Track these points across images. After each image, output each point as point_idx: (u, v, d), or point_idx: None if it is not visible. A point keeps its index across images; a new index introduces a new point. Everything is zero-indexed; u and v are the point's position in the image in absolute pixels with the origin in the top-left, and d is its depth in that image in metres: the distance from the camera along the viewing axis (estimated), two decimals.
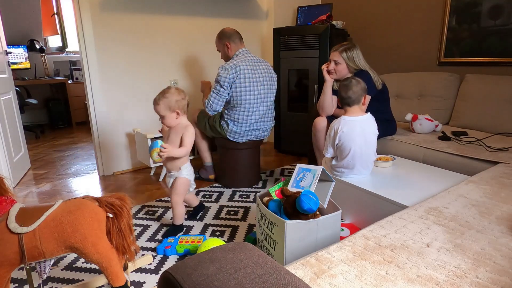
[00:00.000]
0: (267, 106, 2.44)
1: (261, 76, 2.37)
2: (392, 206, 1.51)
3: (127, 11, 2.81)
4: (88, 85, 2.75)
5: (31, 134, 4.52)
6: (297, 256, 1.28)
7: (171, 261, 1.66)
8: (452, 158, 1.92)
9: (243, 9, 3.49)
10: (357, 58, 2.17)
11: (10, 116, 2.82)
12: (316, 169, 1.45)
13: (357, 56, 2.17)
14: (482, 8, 2.51)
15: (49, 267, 1.20)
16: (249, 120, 2.37)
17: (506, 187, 1.41)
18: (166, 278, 0.66)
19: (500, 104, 2.29)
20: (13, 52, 4.63)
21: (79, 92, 5.11)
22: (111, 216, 1.24)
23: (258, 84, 2.34)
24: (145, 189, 2.61)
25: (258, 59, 2.44)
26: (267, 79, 2.41)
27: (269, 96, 2.44)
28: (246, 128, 2.39)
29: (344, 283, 0.81)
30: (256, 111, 2.38)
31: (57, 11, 5.18)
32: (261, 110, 2.40)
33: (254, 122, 2.40)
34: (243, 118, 2.35)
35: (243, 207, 2.24)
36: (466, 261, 0.90)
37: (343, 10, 3.53)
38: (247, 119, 2.36)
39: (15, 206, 1.18)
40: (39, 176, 2.98)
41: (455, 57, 2.73)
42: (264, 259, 0.68)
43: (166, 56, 3.09)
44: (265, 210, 1.38)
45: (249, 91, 2.31)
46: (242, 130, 2.39)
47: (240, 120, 2.36)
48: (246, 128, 2.39)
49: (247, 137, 2.43)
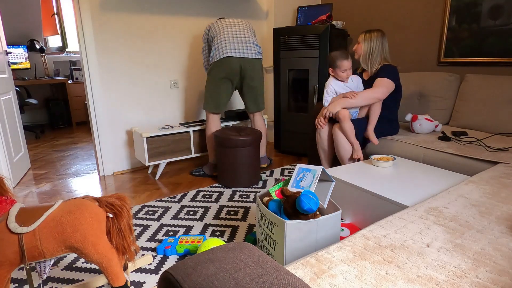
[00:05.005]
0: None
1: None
2: (392, 206, 1.51)
3: (127, 11, 2.81)
4: (88, 85, 2.75)
5: (31, 134, 4.52)
6: (297, 256, 1.28)
7: (171, 261, 1.66)
8: (452, 158, 1.92)
9: (243, 9, 3.49)
10: (375, 44, 2.27)
11: (10, 116, 2.82)
12: (316, 169, 1.45)
13: (376, 43, 2.27)
14: (482, 8, 2.51)
15: (49, 267, 1.20)
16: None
17: (506, 187, 1.41)
18: (166, 278, 0.66)
19: (500, 104, 2.29)
20: (13, 52, 4.63)
21: (79, 92, 5.11)
22: (111, 216, 1.24)
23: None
24: (145, 189, 2.61)
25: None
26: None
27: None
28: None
29: (344, 283, 0.81)
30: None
31: (57, 11, 5.19)
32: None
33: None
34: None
35: (243, 207, 2.24)
36: (466, 261, 0.90)
37: (343, 10, 3.53)
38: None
39: (15, 206, 1.18)
40: (39, 176, 2.98)
41: (455, 57, 2.73)
42: (264, 259, 0.68)
43: (166, 56, 3.09)
44: (265, 210, 1.38)
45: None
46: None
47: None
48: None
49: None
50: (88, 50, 2.68)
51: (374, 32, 2.29)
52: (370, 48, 2.28)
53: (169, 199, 2.37)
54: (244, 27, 2.70)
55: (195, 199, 2.38)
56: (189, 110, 3.35)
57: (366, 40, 2.30)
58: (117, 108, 2.91)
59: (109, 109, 2.87)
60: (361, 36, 2.34)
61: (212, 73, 2.66)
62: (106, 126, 2.89)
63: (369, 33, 2.30)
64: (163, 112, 3.18)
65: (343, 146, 2.22)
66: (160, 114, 3.17)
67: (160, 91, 3.13)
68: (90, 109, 2.81)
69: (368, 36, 2.30)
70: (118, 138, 2.98)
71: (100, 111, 2.82)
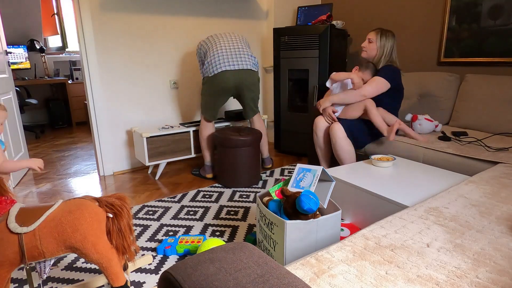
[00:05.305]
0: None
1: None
2: (392, 206, 1.51)
3: (127, 11, 2.81)
4: (88, 85, 2.75)
5: (31, 134, 4.52)
6: (297, 256, 1.28)
7: (171, 261, 1.66)
8: (452, 158, 1.92)
9: (243, 9, 3.49)
10: (388, 46, 2.27)
11: (10, 116, 2.82)
12: (316, 169, 1.45)
13: (388, 44, 2.27)
14: (482, 8, 2.51)
15: (49, 267, 1.20)
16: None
17: (506, 187, 1.41)
18: (166, 278, 0.66)
19: (500, 104, 2.29)
20: (13, 52, 4.63)
21: (79, 92, 5.11)
22: (111, 216, 1.24)
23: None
24: (145, 189, 2.61)
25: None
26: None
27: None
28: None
29: (344, 283, 0.81)
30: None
31: (57, 11, 5.19)
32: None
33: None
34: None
35: (243, 207, 2.24)
36: (466, 261, 0.90)
37: (343, 10, 3.53)
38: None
39: (15, 206, 1.18)
40: (39, 176, 2.98)
41: (455, 57, 2.72)
42: (264, 259, 0.68)
43: (166, 56, 3.09)
44: (265, 210, 1.38)
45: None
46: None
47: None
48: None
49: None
50: (88, 50, 2.68)
51: (389, 32, 2.27)
52: (384, 49, 2.27)
53: (169, 199, 2.37)
54: (237, 39, 2.61)
55: (195, 199, 2.38)
56: (189, 110, 3.35)
57: (382, 39, 2.26)
58: (117, 108, 2.91)
59: (109, 109, 2.87)
60: (374, 34, 2.29)
61: (205, 86, 2.59)
62: (106, 126, 2.89)
63: (384, 32, 2.27)
64: (163, 112, 3.18)
65: (341, 147, 2.20)
66: (160, 114, 3.17)
67: (160, 91, 3.13)
68: (90, 109, 2.81)
69: (383, 35, 2.26)
70: (118, 138, 2.98)
71: (100, 111, 2.82)
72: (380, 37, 2.27)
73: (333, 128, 2.22)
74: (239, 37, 2.66)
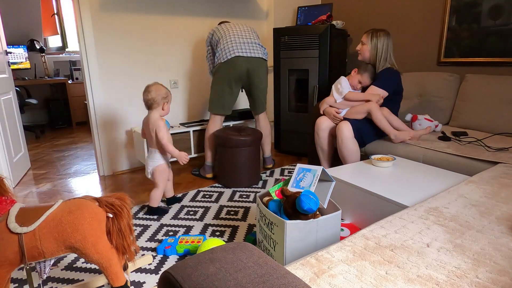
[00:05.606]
0: None
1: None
2: (392, 206, 1.51)
3: (127, 11, 2.81)
4: (88, 85, 2.75)
5: (31, 134, 4.52)
6: (297, 256, 1.28)
7: (171, 261, 1.66)
8: (452, 158, 1.92)
9: (243, 9, 3.49)
10: (380, 45, 2.22)
11: (10, 116, 2.82)
12: (316, 169, 1.45)
13: (380, 43, 2.21)
14: (482, 8, 2.51)
15: (49, 267, 1.20)
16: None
17: (506, 187, 1.41)
18: (166, 278, 0.66)
19: (500, 104, 2.29)
20: (13, 52, 4.63)
21: (79, 92, 5.11)
22: (111, 216, 1.24)
23: None
24: (145, 189, 2.61)
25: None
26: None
27: None
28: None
29: (344, 283, 0.81)
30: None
31: (57, 11, 5.19)
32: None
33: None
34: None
35: (243, 207, 2.24)
36: (466, 261, 0.90)
37: (343, 10, 3.53)
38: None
39: (15, 206, 1.18)
40: (39, 176, 2.98)
41: (455, 57, 2.73)
42: (264, 259, 0.68)
43: (166, 56, 3.09)
44: (265, 210, 1.38)
45: None
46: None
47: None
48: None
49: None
50: (88, 50, 2.68)
51: (380, 31, 2.21)
52: (376, 49, 2.23)
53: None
54: (247, 29, 2.70)
55: (195, 199, 2.38)
56: (189, 110, 3.35)
57: (372, 40, 2.22)
58: (117, 107, 2.91)
59: (109, 109, 2.87)
60: (365, 36, 2.25)
61: (218, 74, 2.63)
62: (106, 126, 2.89)
63: (375, 32, 2.22)
64: None
65: (347, 147, 2.16)
66: None
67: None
68: (90, 109, 2.81)
69: (374, 36, 2.22)
70: (118, 138, 2.98)
71: (100, 111, 2.82)
72: (371, 38, 2.23)
73: (340, 127, 2.16)
74: (250, 28, 2.75)
